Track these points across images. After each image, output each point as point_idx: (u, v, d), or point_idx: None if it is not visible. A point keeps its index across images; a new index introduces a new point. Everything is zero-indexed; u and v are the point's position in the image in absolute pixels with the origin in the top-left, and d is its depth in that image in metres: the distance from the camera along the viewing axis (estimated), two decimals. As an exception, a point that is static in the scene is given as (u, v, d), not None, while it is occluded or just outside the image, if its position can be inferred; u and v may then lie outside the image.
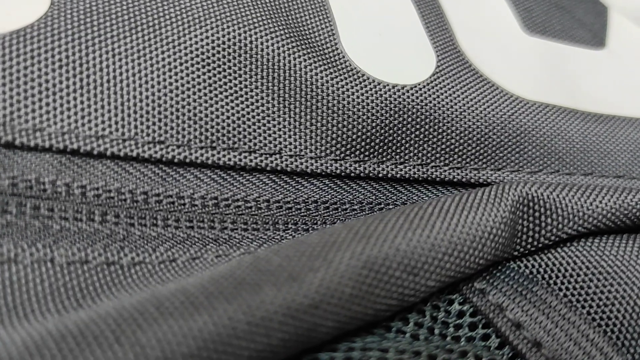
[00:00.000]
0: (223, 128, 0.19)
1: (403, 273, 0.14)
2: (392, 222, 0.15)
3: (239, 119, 0.19)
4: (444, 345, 0.15)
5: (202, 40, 0.19)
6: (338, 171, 0.20)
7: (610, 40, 0.30)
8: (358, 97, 0.20)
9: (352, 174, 0.20)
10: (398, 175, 0.21)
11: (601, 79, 0.27)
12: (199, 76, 0.19)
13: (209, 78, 0.19)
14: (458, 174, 0.22)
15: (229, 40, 0.19)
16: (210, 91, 0.19)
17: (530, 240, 0.18)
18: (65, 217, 0.16)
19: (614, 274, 0.17)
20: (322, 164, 0.20)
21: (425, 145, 0.21)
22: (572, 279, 0.17)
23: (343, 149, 0.20)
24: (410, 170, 0.21)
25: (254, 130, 0.19)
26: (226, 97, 0.19)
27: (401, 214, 0.16)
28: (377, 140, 0.21)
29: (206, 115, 0.19)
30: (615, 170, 0.24)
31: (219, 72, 0.19)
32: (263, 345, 0.13)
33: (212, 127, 0.19)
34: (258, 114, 0.19)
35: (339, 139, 0.20)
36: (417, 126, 0.21)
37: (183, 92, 0.18)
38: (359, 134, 0.20)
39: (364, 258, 0.14)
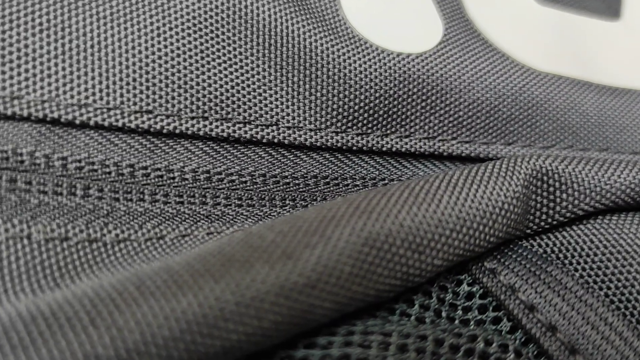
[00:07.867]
0: (216, 97, 0.18)
1: (407, 251, 0.14)
2: (396, 196, 0.14)
3: (232, 87, 0.18)
4: (451, 329, 0.15)
5: (193, 4, 0.18)
6: (339, 144, 0.19)
7: (625, 12, 0.29)
8: (360, 66, 0.19)
9: (354, 148, 0.19)
10: (403, 149, 0.20)
11: (616, 51, 0.27)
12: (189, 42, 0.18)
13: (201, 44, 0.18)
14: (466, 148, 0.21)
15: (222, 4, 0.18)
16: (202, 58, 0.18)
17: (544, 217, 0.17)
18: (44, 191, 0.15)
19: (634, 254, 0.17)
20: (322, 137, 0.19)
21: (431, 118, 0.20)
22: (589, 259, 0.17)
23: (344, 120, 0.19)
24: (416, 144, 0.20)
25: (249, 100, 0.18)
26: (219, 64, 0.18)
27: (405, 187, 0.15)
28: (381, 112, 0.19)
29: (197, 84, 0.18)
30: (632, 146, 0.23)
31: (212, 38, 0.18)
32: (253, 328, 0.12)
33: (204, 96, 0.18)
34: (253, 83, 0.18)
35: (340, 110, 0.19)
36: (423, 97, 0.20)
37: (173, 59, 0.17)
38: (362, 104, 0.19)
39: (364, 234, 0.13)
